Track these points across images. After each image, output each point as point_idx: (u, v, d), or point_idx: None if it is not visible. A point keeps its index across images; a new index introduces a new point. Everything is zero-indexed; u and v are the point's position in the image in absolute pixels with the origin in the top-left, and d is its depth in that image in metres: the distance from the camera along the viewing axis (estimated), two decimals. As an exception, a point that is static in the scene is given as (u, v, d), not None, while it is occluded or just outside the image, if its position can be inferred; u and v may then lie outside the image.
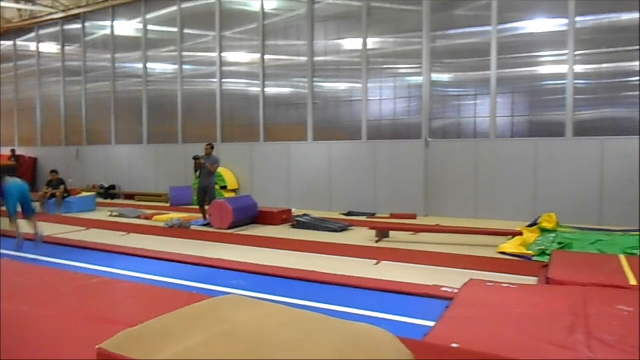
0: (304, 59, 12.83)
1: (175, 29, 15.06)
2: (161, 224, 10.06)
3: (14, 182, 7.73)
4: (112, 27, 16.53)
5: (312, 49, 12.69)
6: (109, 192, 16.03)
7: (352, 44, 12.23)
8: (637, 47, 9.38)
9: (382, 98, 11.92)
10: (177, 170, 14.86)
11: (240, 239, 8.46)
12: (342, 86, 12.50)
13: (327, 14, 12.52)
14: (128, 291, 4.30)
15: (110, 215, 11.78)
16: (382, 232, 8.36)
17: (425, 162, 11.20)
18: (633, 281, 4.36)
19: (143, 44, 15.76)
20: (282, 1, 13.25)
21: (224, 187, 13.25)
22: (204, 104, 14.64)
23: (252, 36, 13.66)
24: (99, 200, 14.53)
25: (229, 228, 9.48)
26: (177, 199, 13.92)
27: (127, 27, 16.30)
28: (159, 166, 15.60)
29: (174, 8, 14.99)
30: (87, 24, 17.21)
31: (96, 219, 10.99)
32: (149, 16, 15.65)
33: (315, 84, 12.77)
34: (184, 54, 15.00)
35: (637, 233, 7.94)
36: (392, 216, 10.91)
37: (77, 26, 17.44)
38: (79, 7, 16.92)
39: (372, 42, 11.96)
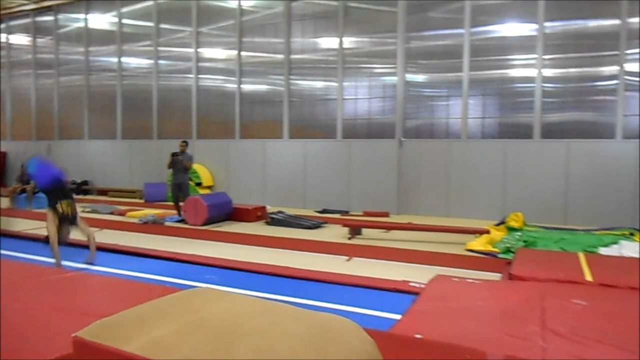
0: (280, 56, 12.91)
1: (151, 24, 14.95)
2: (135, 220, 10.03)
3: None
4: (86, 20, 16.30)
5: (289, 46, 12.78)
6: (81, 188, 15.81)
7: (329, 42, 12.36)
8: (602, 53, 9.75)
9: (357, 97, 12.09)
10: (151, 166, 14.77)
11: (214, 235, 8.51)
12: (318, 84, 12.63)
13: (304, 13, 12.62)
14: (101, 284, 4.34)
15: (83, 211, 11.64)
16: (355, 230, 8.52)
17: (399, 161, 11.41)
18: (588, 277, 4.59)
19: (118, 38, 15.59)
20: (260, -1, 13.31)
21: (198, 184, 13.24)
22: (180, 99, 14.58)
23: (229, 32, 13.66)
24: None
25: (204, 224, 9.52)
26: (152, 195, 13.85)
27: (101, 20, 16.09)
28: (133, 162, 15.47)
29: (150, 2, 14.88)
30: (59, 16, 16.92)
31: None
32: (124, 10, 15.49)
33: (291, 81, 12.86)
34: (160, 48, 14.91)
35: (599, 232, 8.30)
36: (366, 214, 11.09)
37: (49, 18, 17.13)
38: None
39: (348, 42, 12.11)
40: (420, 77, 11.52)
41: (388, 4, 11.51)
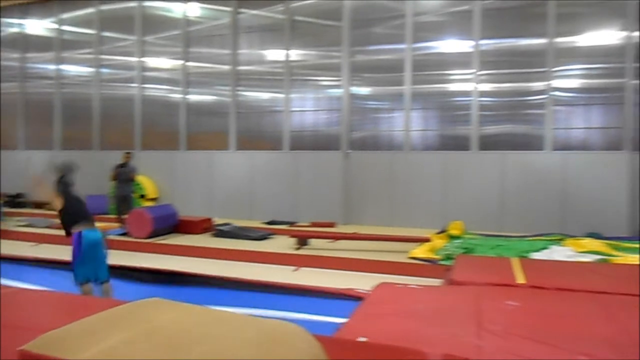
0: (227, 67, 12.90)
1: (92, 31, 14.54)
2: (75, 233, 9.67)
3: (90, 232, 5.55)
4: (22, 25, 15.65)
5: (235, 58, 12.80)
6: (15, 201, 15.04)
7: (276, 55, 12.49)
8: (532, 70, 10.42)
9: (304, 109, 12.26)
10: (92, 178, 14.22)
11: (159, 248, 8.38)
12: (265, 96, 12.71)
13: (251, 25, 12.70)
14: (43, 300, 4.21)
15: (18, 226, 11.13)
16: (302, 240, 8.62)
17: (345, 173, 11.64)
18: (521, 280, 4.91)
19: (57, 45, 15.06)
20: (206, 10, 13.26)
21: (142, 196, 12.93)
22: (123, 109, 14.22)
23: (174, 42, 13.52)
24: (5, 209, 13.61)
25: (148, 237, 9.33)
26: (93, 207, 13.34)
27: (39, 26, 15.50)
28: (73, 173, 14.86)
29: (92, 9, 14.49)
30: (-7, 21, 16.16)
31: (1, 229, 10.35)
32: (64, 16, 15.00)
33: (238, 93, 12.87)
34: (102, 57, 14.52)
35: (532, 238, 8.82)
36: (313, 224, 11.22)
37: (-19, 23, 16.32)
38: (-16, 3, 15.86)
39: (295, 54, 12.29)
40: (364, 90, 11.85)
41: (333, 18, 11.80)
